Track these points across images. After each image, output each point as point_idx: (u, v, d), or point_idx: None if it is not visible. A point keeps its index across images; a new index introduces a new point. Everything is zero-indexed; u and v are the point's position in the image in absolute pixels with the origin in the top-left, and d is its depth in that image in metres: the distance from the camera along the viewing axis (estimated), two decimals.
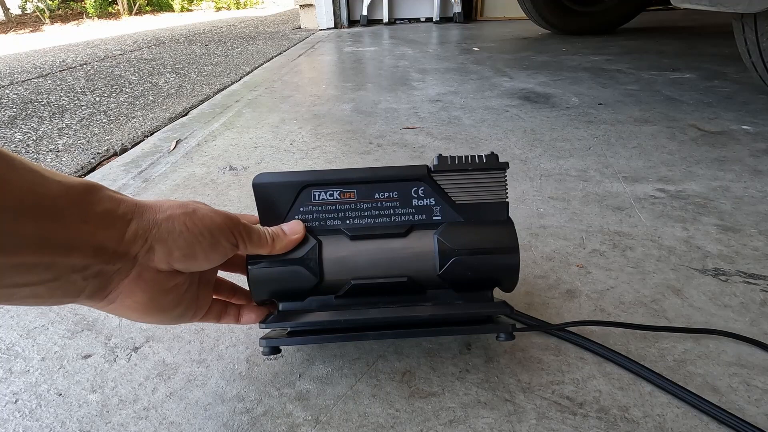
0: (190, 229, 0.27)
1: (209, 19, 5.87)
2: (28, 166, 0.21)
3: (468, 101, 1.17)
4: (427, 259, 0.32)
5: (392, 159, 0.81)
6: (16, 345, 0.41)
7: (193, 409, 0.34)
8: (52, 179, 0.22)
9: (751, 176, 0.67)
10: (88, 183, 0.24)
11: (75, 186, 0.23)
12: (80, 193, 0.23)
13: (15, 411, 0.34)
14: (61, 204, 0.22)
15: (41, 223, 0.21)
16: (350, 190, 0.33)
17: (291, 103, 1.24)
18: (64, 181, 0.23)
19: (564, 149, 0.82)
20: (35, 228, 0.21)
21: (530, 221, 0.58)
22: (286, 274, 0.32)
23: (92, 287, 0.25)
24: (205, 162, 0.84)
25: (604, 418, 0.32)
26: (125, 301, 0.26)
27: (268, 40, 2.99)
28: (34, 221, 0.21)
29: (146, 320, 0.29)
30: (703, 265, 0.48)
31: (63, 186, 0.23)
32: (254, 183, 0.33)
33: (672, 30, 2.39)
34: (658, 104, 1.06)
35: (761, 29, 0.90)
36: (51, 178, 0.22)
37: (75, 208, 0.23)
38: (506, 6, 3.51)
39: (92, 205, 0.24)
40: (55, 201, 0.22)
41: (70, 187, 0.23)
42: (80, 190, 0.24)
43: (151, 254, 0.26)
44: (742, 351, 0.37)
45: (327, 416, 0.33)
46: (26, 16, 6.48)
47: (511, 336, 0.32)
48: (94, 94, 1.60)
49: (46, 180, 0.22)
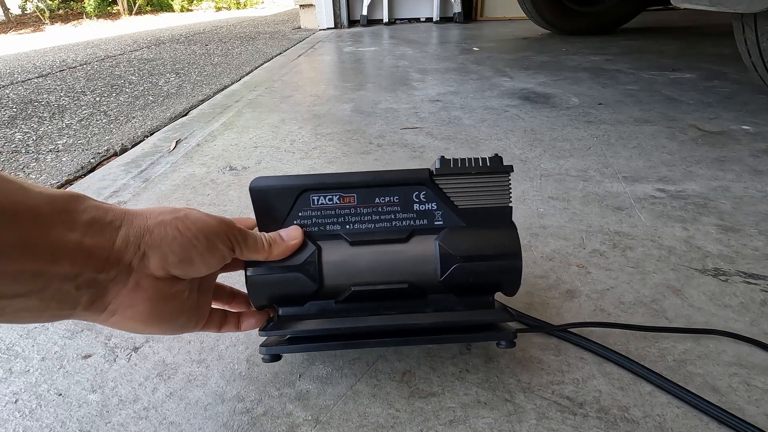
0: (183, 233, 0.26)
1: (209, 19, 5.87)
2: (5, 177, 0.21)
3: (468, 101, 1.17)
4: (428, 265, 0.32)
5: (392, 159, 0.81)
6: (16, 345, 0.41)
7: (193, 409, 0.34)
8: (34, 190, 0.22)
9: (751, 176, 0.67)
10: (72, 193, 0.24)
11: (58, 195, 0.23)
12: (64, 203, 0.23)
13: (15, 411, 0.34)
14: (43, 211, 0.22)
15: (21, 229, 0.21)
16: (350, 195, 0.33)
17: (291, 103, 1.24)
18: (46, 192, 0.23)
19: (564, 149, 0.82)
20: (15, 234, 0.20)
21: (530, 221, 0.58)
22: (285, 280, 0.32)
23: (88, 298, 0.24)
24: (205, 162, 0.84)
25: (604, 418, 0.32)
26: (126, 312, 0.26)
27: (268, 40, 2.99)
28: (13, 228, 0.20)
29: (150, 331, 0.28)
30: (703, 265, 0.48)
31: (45, 196, 0.22)
32: (251, 187, 0.32)
33: (672, 30, 2.39)
34: (658, 104, 1.06)
35: (761, 29, 0.90)
36: (32, 188, 0.22)
37: (58, 216, 0.22)
38: (506, 6, 3.51)
39: (77, 214, 0.23)
40: (36, 210, 0.21)
41: (52, 197, 0.23)
42: (64, 199, 0.23)
43: (146, 261, 0.25)
44: (742, 351, 0.37)
45: (327, 416, 0.33)
46: (26, 16, 6.48)
47: (512, 343, 0.32)
48: (94, 94, 1.60)
49: (26, 190, 0.22)
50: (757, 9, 0.82)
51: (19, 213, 0.21)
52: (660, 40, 2.06)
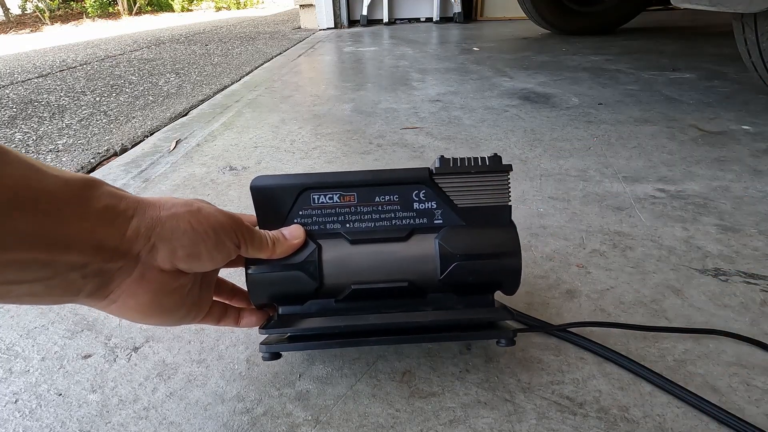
0: (195, 228, 0.26)
1: (209, 19, 5.87)
2: (23, 160, 0.21)
3: (468, 101, 1.17)
4: (428, 264, 0.32)
5: (392, 159, 0.81)
6: (16, 345, 0.41)
7: (193, 409, 0.34)
8: (50, 173, 0.21)
9: (751, 176, 0.67)
10: (87, 178, 0.23)
11: (74, 181, 0.22)
12: (79, 189, 0.23)
13: (15, 411, 0.34)
14: (59, 199, 0.21)
15: (37, 218, 0.20)
16: (350, 194, 0.33)
17: (291, 103, 1.24)
18: (62, 175, 0.22)
19: (564, 149, 0.82)
20: (30, 224, 0.20)
21: (530, 221, 0.58)
22: (285, 278, 0.32)
23: (92, 286, 0.24)
24: (205, 162, 0.84)
25: (604, 418, 0.32)
26: (127, 301, 0.26)
27: (268, 40, 2.99)
28: (29, 217, 0.20)
29: (148, 321, 0.28)
30: (703, 265, 0.48)
31: (61, 181, 0.22)
32: (252, 186, 0.32)
33: (672, 30, 2.39)
34: (658, 104, 1.06)
35: (761, 29, 0.90)
36: (48, 172, 0.21)
37: (73, 204, 0.22)
38: (506, 6, 3.51)
39: (91, 201, 0.23)
40: (52, 196, 0.21)
41: (68, 182, 0.22)
42: (79, 185, 0.23)
43: (154, 253, 0.25)
44: (742, 351, 0.37)
45: (327, 416, 0.33)
46: (26, 16, 6.48)
47: (512, 342, 0.32)
48: (94, 94, 1.60)
49: (43, 174, 0.21)
50: (757, 9, 0.82)
51: (34, 201, 0.20)
52: (660, 40, 2.06)
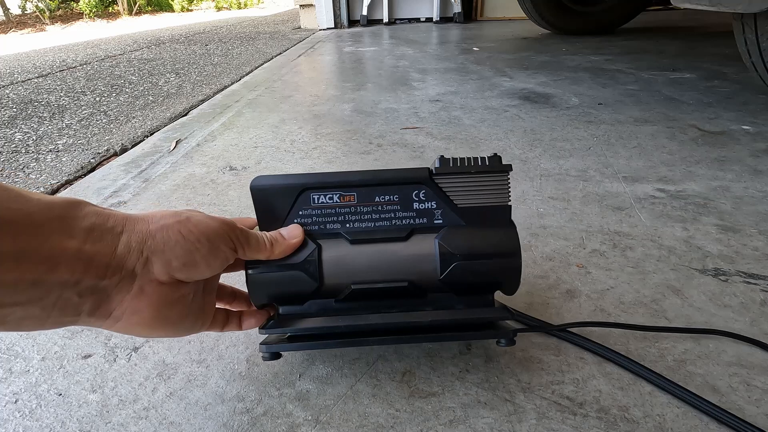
0: (186, 237, 0.26)
1: (209, 19, 5.87)
2: (3, 185, 0.21)
3: (468, 101, 1.17)
4: (428, 264, 0.32)
5: (392, 159, 0.81)
6: (16, 345, 0.41)
7: (193, 409, 0.34)
8: (31, 197, 0.22)
9: (751, 176, 0.67)
10: (71, 199, 0.24)
11: (57, 202, 0.23)
12: (63, 209, 0.23)
13: (15, 411, 0.34)
14: (41, 219, 0.22)
15: (19, 239, 0.21)
16: (350, 194, 0.33)
17: (291, 103, 1.24)
18: (44, 199, 0.22)
19: (564, 149, 0.82)
20: (11, 244, 0.20)
21: (530, 221, 0.58)
22: (285, 278, 0.32)
23: (91, 304, 0.24)
24: (205, 162, 0.84)
25: (604, 418, 0.32)
26: (131, 317, 0.26)
27: (268, 40, 2.99)
28: (9, 236, 0.20)
29: (156, 335, 0.28)
30: (703, 265, 0.48)
31: (43, 203, 0.22)
32: (252, 186, 0.32)
33: (672, 30, 2.39)
34: (658, 104, 1.06)
35: (761, 29, 0.90)
36: (29, 196, 0.22)
37: (56, 223, 0.22)
38: (506, 6, 3.51)
39: (76, 220, 0.23)
40: (33, 217, 0.21)
41: (51, 204, 0.22)
42: (63, 206, 0.23)
43: (149, 266, 0.25)
44: (742, 351, 0.37)
45: (327, 416, 0.33)
46: (26, 16, 6.48)
47: (512, 341, 0.32)
48: (94, 94, 1.60)
49: (23, 197, 0.21)
50: (757, 9, 0.82)
51: (16, 221, 0.21)
52: (660, 40, 2.06)
